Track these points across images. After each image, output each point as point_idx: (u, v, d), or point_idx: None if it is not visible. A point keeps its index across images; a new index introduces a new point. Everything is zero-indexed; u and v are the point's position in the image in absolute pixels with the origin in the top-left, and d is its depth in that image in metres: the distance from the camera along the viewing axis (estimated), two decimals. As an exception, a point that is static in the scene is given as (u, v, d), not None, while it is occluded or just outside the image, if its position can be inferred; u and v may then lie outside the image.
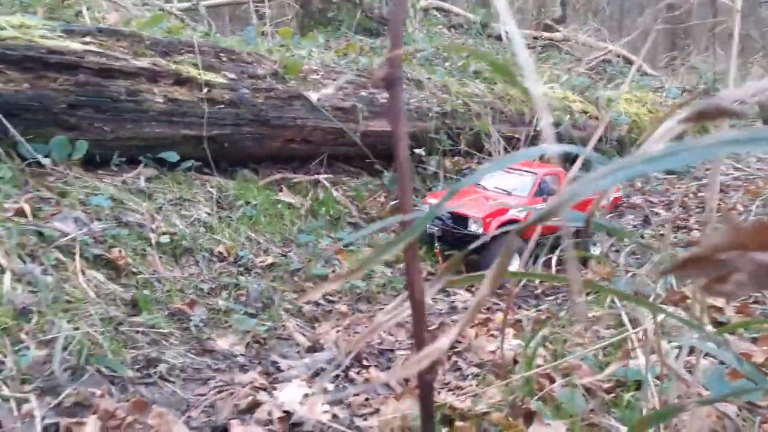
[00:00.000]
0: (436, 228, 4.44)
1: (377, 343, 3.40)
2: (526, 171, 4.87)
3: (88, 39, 3.68)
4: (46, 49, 3.42)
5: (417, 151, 5.37)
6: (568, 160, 6.44)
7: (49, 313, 2.50)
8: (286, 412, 2.21)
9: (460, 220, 4.39)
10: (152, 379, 2.52)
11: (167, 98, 3.89)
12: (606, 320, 2.82)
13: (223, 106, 4.15)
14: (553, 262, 3.29)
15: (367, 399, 2.48)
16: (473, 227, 4.37)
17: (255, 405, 2.29)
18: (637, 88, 9.33)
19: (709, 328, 2.10)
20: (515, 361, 2.60)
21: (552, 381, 2.01)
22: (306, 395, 2.33)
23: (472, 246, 0.90)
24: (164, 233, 3.44)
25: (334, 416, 2.24)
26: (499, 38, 9.80)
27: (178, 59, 4.06)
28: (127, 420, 1.94)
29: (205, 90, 4.06)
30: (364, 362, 3.04)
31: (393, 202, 5.06)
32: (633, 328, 2.10)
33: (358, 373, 2.89)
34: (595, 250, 5.01)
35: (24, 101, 3.33)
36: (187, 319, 3.01)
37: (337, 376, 2.85)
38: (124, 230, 3.25)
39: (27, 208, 2.97)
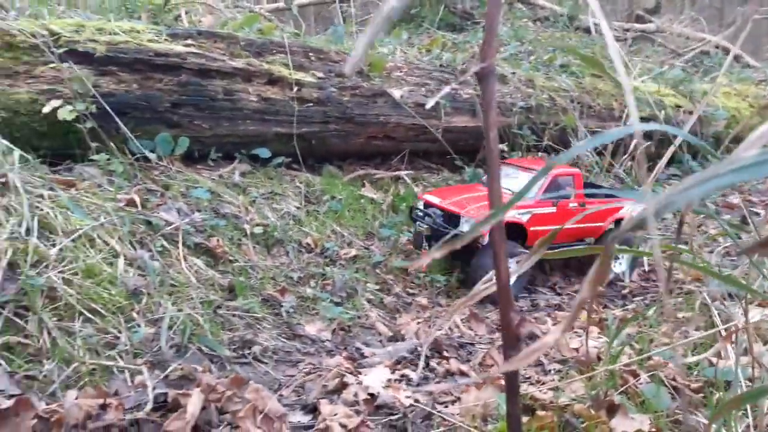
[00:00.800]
0: (425, 226, 4.05)
1: (457, 336, 3.46)
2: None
3: (189, 41, 3.94)
4: (153, 51, 3.70)
5: (499, 146, 5.32)
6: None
7: (157, 295, 2.73)
8: (371, 394, 2.32)
9: (452, 218, 3.98)
10: (247, 359, 2.70)
11: (260, 97, 4.11)
12: (696, 321, 2.73)
13: (311, 104, 4.33)
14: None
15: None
16: (465, 227, 3.91)
17: (342, 387, 2.42)
18: (738, 80, 8.78)
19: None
20: (599, 359, 2.58)
21: (636, 377, 1.99)
22: (389, 380, 2.43)
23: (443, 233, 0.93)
24: (257, 225, 3.66)
25: (416, 401, 2.32)
26: (587, 31, 9.50)
27: (270, 59, 4.27)
28: (226, 394, 2.11)
29: (295, 89, 4.25)
30: (445, 353, 3.10)
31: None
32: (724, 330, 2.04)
33: (438, 363, 2.96)
34: (618, 266, 4.60)
35: (133, 101, 3.62)
36: (279, 305, 3.19)
37: (418, 365, 2.93)
38: (221, 221, 3.49)
39: (137, 199, 3.25)
